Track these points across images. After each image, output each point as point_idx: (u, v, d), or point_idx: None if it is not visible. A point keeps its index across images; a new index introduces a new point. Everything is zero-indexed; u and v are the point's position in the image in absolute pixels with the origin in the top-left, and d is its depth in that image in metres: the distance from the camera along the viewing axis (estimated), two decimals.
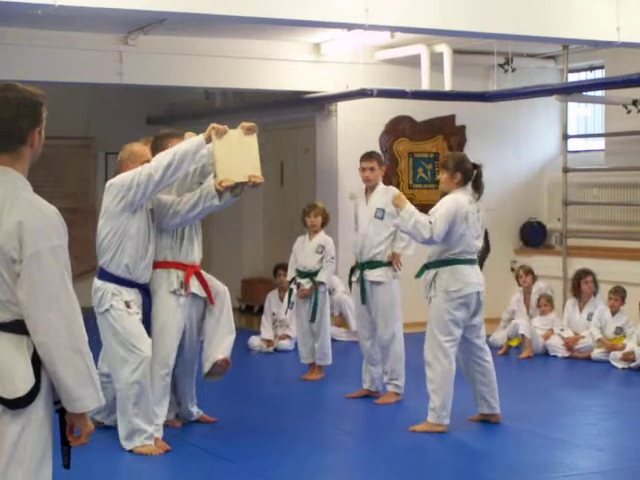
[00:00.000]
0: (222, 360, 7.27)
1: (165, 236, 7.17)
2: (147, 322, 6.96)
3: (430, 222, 7.30)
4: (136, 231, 6.89)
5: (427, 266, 7.55)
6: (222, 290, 7.43)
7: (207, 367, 7.31)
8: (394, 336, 8.52)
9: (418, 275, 7.62)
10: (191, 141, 6.92)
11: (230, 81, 12.09)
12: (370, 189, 8.65)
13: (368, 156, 8.72)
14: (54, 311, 3.30)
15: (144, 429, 6.81)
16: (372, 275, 8.54)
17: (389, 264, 8.53)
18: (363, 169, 8.61)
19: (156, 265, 7.11)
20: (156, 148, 7.12)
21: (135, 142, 7.34)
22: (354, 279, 8.71)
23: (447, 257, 7.43)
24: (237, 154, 6.93)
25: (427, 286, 7.50)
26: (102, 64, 11.26)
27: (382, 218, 8.52)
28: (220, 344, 7.30)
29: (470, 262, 7.49)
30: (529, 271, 11.73)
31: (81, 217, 14.28)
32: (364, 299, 8.58)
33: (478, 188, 7.57)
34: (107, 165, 14.83)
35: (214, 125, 6.89)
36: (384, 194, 8.51)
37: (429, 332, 7.47)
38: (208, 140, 6.88)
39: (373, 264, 8.54)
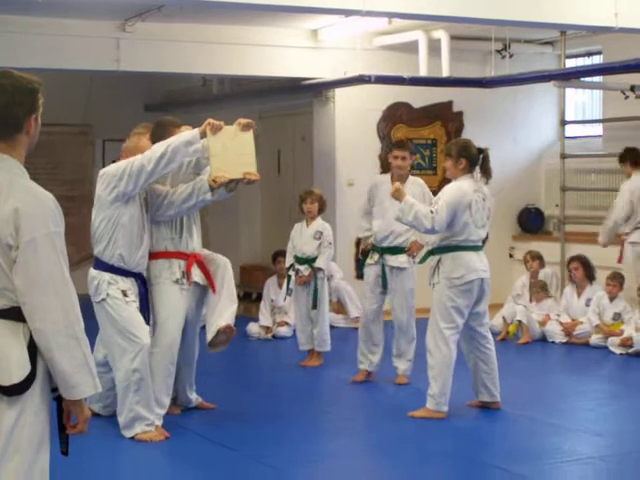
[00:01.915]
0: (225, 327, 7.17)
1: (164, 226, 7.14)
2: (144, 311, 6.95)
3: (431, 211, 7.27)
4: (129, 220, 6.84)
5: (432, 252, 7.55)
6: (222, 262, 7.36)
7: (210, 336, 7.19)
8: (411, 319, 8.63)
9: (422, 261, 7.61)
10: (185, 134, 6.82)
11: (227, 68, 12.07)
12: (400, 178, 8.46)
13: (401, 145, 8.75)
14: (50, 298, 3.30)
15: (145, 416, 6.81)
16: (396, 261, 8.57)
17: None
18: (395, 157, 8.58)
19: (157, 255, 7.08)
20: (156, 135, 7.05)
21: (134, 128, 7.32)
22: (371, 261, 8.70)
23: (449, 243, 7.39)
24: (232, 150, 6.87)
25: (431, 272, 7.48)
26: (99, 51, 11.23)
27: None
28: (223, 313, 7.22)
29: (474, 249, 7.44)
30: (536, 257, 11.69)
31: (78, 204, 14.28)
32: (385, 284, 8.60)
33: (486, 172, 7.52)
34: (104, 152, 14.83)
35: (210, 120, 6.81)
36: (414, 185, 8.49)
37: (432, 319, 7.46)
38: (203, 135, 6.79)
39: (396, 250, 8.56)
